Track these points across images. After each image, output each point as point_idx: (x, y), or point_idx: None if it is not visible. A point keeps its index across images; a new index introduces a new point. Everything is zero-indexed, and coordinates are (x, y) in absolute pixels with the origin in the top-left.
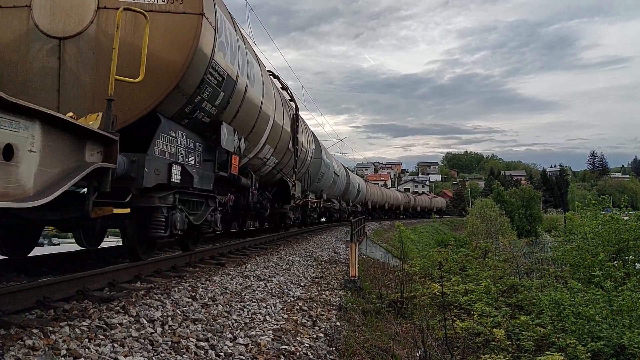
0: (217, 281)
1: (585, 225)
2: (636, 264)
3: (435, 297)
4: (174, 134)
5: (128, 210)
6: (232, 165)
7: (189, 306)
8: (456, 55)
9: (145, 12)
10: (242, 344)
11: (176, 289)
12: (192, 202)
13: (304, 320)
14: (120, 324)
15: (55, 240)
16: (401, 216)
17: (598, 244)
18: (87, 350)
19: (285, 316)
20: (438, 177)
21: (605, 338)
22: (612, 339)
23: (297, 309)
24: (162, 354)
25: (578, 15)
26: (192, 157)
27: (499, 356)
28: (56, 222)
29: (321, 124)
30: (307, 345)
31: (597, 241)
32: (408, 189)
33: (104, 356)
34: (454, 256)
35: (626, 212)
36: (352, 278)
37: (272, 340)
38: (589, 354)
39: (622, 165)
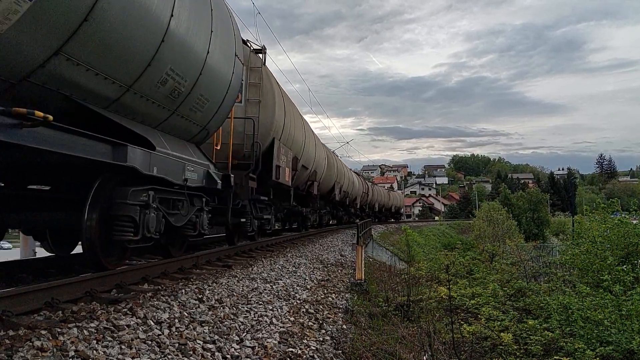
0: (223, 283)
1: (594, 228)
2: None
3: (442, 301)
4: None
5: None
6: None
7: (195, 308)
8: (463, 59)
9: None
10: (249, 347)
11: (183, 290)
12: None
13: (310, 323)
14: (128, 326)
15: None
16: (356, 219)
17: (607, 248)
18: (94, 351)
19: (292, 319)
20: (445, 180)
21: (614, 343)
22: (621, 344)
23: (303, 311)
24: (169, 356)
25: (586, 19)
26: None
27: None
28: None
29: (327, 126)
30: (313, 348)
31: (606, 245)
32: (414, 192)
33: (111, 357)
34: (460, 259)
35: (635, 216)
36: (359, 281)
37: (279, 342)
38: (598, 358)
39: (630, 169)
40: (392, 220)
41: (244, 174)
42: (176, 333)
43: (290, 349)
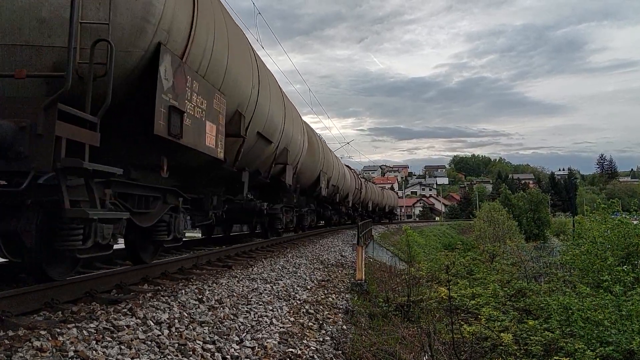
0: (223, 284)
1: (595, 229)
2: None
3: (443, 301)
4: None
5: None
6: None
7: (195, 308)
8: (464, 59)
9: None
10: (249, 347)
11: (183, 291)
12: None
13: (310, 324)
14: (128, 326)
15: None
16: (347, 220)
17: (607, 248)
18: (94, 352)
19: (292, 319)
20: (445, 180)
21: (615, 343)
22: (621, 344)
23: (303, 312)
24: (169, 357)
25: (587, 19)
26: None
27: None
28: None
29: (328, 127)
30: (313, 348)
31: (606, 245)
32: (415, 193)
33: (111, 358)
34: (461, 260)
35: (636, 216)
36: (359, 281)
37: (279, 343)
38: (598, 358)
39: (631, 169)
40: (386, 220)
41: (44, 104)
42: (176, 333)
43: (290, 349)
